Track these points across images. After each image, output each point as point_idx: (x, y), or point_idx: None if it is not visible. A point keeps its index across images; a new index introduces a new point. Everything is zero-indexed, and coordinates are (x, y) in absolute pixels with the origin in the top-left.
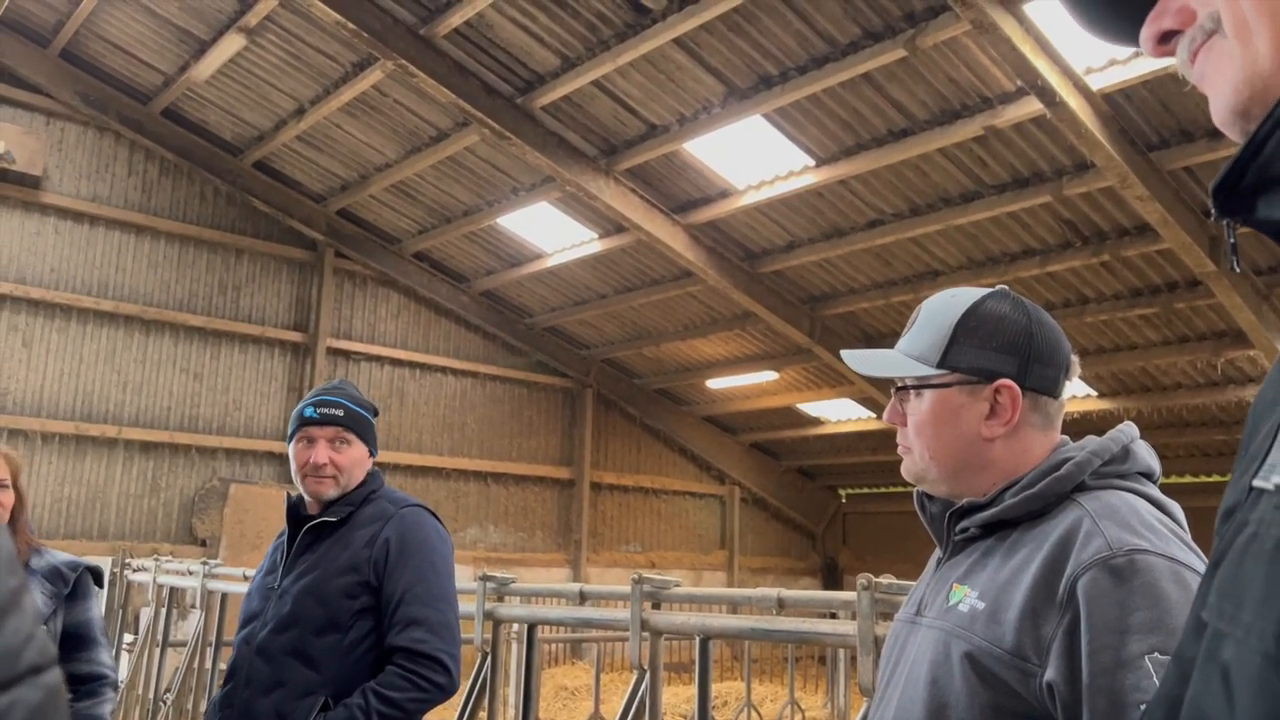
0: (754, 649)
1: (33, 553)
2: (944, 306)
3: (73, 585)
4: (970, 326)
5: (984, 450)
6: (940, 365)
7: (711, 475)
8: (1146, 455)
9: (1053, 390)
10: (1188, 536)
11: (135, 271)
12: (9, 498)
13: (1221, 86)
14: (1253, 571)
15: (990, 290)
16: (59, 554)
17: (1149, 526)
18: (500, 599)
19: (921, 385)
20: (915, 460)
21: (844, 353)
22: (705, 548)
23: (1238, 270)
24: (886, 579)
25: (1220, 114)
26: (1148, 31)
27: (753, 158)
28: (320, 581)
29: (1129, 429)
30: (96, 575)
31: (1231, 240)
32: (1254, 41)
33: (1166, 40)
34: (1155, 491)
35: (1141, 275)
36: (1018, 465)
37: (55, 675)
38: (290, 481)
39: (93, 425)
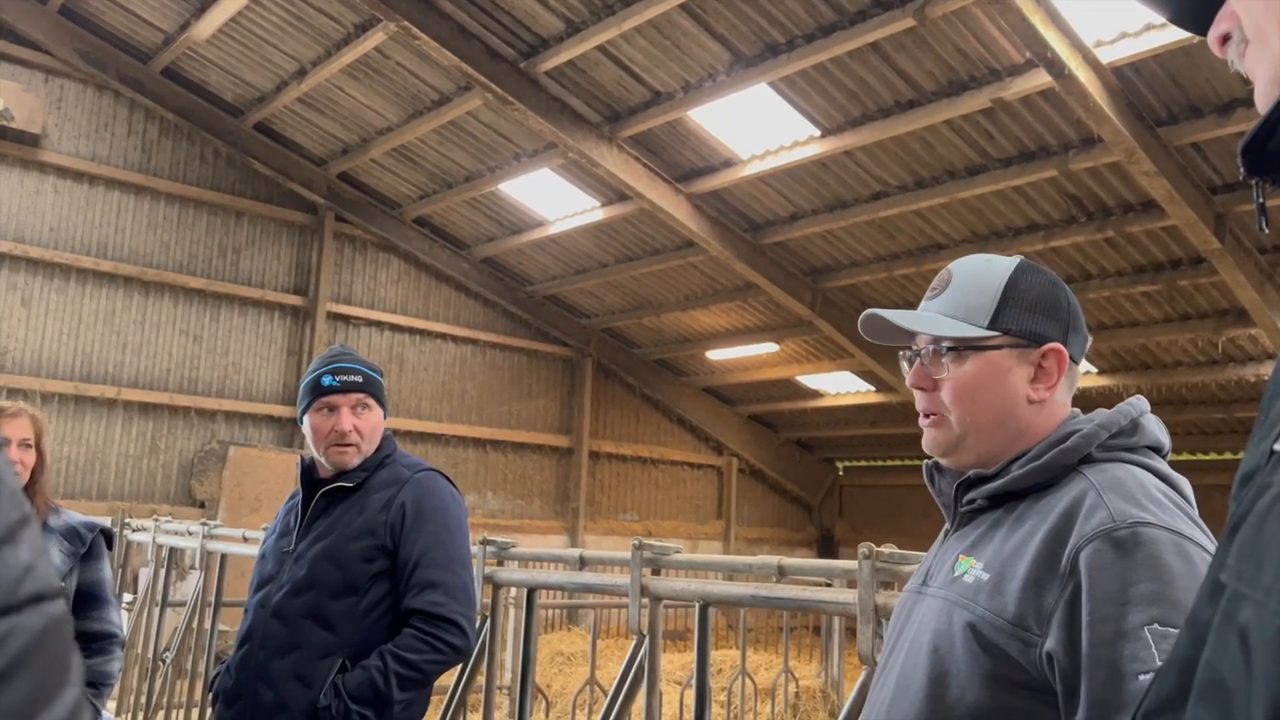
0: (749, 618)
1: (50, 512)
2: (983, 269)
3: (88, 545)
4: (1020, 289)
5: (1024, 415)
6: (990, 327)
7: (709, 446)
8: (1156, 429)
9: (1078, 358)
10: (1194, 512)
11: (135, 232)
12: (31, 457)
13: (1260, 82)
14: (1274, 534)
15: (1020, 259)
16: (75, 514)
17: (1154, 500)
18: (500, 563)
19: (969, 347)
20: (950, 426)
21: (877, 311)
22: (702, 518)
23: (1267, 231)
24: (888, 548)
25: (1262, 105)
26: (1211, 35)
27: (758, 127)
28: (337, 545)
29: (1139, 402)
30: (108, 537)
31: (1260, 200)
32: (1270, 44)
33: (1227, 41)
34: (1163, 466)
35: (1145, 252)
36: (1046, 432)
37: (59, 606)
38: (289, 445)
39: (92, 386)
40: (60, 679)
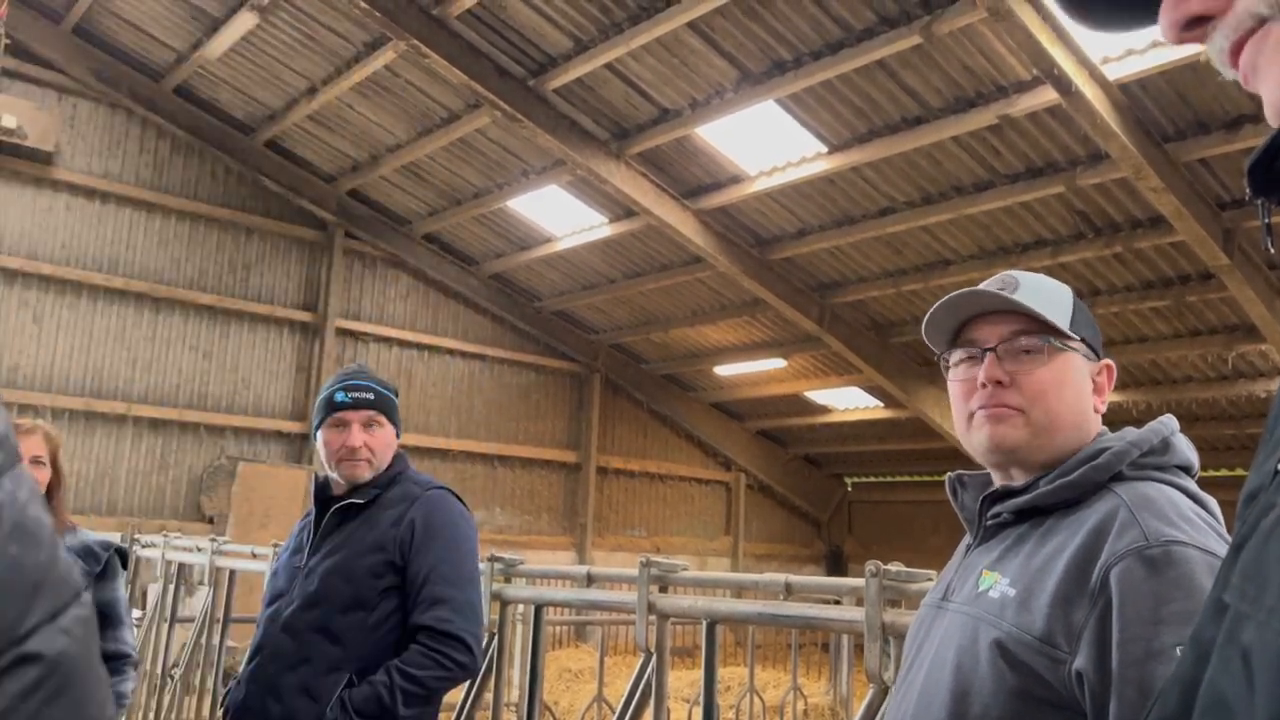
0: (757, 635)
1: (66, 531)
2: (1043, 280)
3: (103, 565)
4: (1081, 304)
5: (1091, 423)
6: (1071, 330)
7: (718, 461)
8: (1186, 449)
9: None
10: (1224, 530)
11: (146, 249)
12: (45, 475)
13: (1275, 83)
14: (1277, 555)
15: None
16: (90, 533)
17: (1185, 519)
18: (507, 580)
19: (1064, 342)
20: (1024, 424)
21: (980, 289)
22: (710, 534)
23: (1272, 251)
24: (895, 566)
25: (1276, 113)
26: (1172, 17)
27: (765, 143)
28: (347, 561)
29: (1170, 421)
30: (123, 556)
31: (1266, 220)
32: None
33: (1192, 26)
34: (1193, 485)
35: (1154, 267)
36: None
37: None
38: (298, 461)
39: (102, 401)
40: (96, 664)
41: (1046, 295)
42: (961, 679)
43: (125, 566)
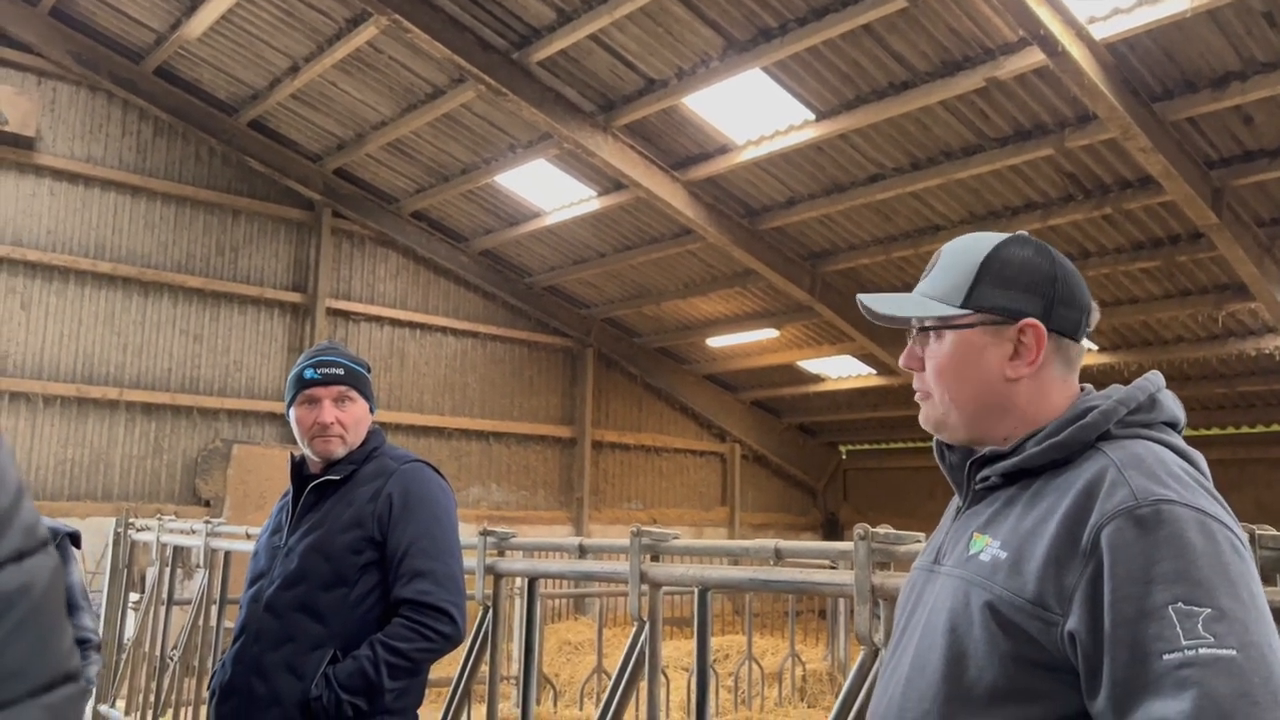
0: (755, 603)
1: None
2: (966, 248)
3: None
4: (995, 267)
5: (1006, 393)
6: (964, 305)
7: (712, 433)
8: (1172, 405)
9: (1075, 333)
10: (1211, 486)
11: (132, 233)
12: None
13: None
14: None
15: (1011, 235)
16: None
17: (1175, 477)
18: (501, 554)
19: (943, 326)
20: (935, 405)
21: (861, 296)
22: (706, 505)
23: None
24: (884, 529)
25: None
26: None
27: (752, 112)
28: (326, 538)
29: (1155, 378)
30: (75, 540)
31: None
32: None
33: None
34: (1180, 441)
35: (1143, 228)
36: (1039, 410)
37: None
38: (293, 441)
39: (94, 387)
40: (63, 612)
41: (950, 271)
42: (955, 643)
43: (78, 547)
